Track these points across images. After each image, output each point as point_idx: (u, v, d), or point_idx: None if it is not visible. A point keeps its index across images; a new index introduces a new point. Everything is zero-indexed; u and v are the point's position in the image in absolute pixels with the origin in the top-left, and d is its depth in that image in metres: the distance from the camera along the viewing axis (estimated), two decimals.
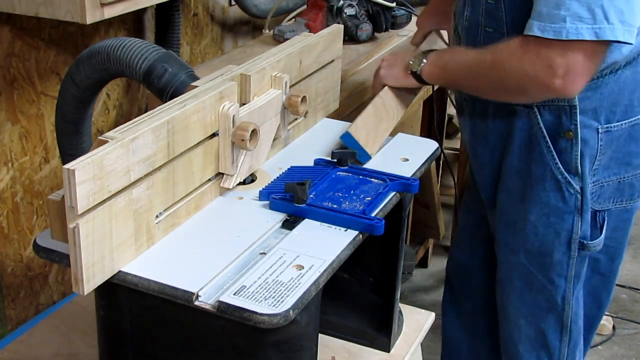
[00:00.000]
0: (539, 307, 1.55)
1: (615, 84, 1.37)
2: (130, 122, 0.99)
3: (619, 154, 1.44)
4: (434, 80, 1.47)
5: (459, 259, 1.81)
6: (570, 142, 1.40)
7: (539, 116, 1.40)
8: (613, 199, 1.48)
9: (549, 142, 1.41)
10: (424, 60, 1.43)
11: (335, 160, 1.26)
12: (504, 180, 1.50)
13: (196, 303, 0.92)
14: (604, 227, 1.49)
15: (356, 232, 1.07)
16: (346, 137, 1.30)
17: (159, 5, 1.86)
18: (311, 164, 1.27)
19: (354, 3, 2.16)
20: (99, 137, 0.94)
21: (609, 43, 1.24)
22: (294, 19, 2.30)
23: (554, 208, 1.45)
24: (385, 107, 1.46)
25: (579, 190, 1.43)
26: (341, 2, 2.15)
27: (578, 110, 1.37)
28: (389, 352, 1.37)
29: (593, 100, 1.37)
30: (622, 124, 1.41)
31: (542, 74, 1.25)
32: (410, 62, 1.44)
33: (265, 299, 0.91)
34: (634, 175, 1.47)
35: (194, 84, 1.13)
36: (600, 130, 1.40)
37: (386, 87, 1.50)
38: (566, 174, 1.42)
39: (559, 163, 1.41)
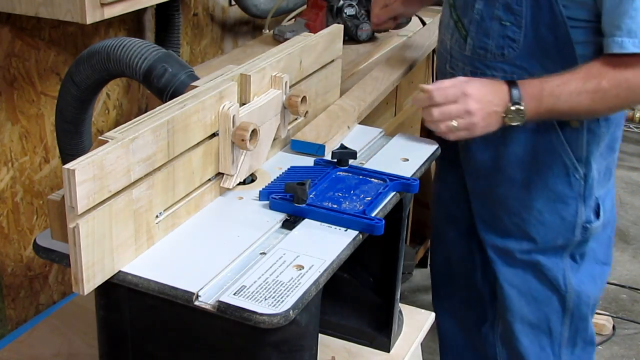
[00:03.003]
0: (542, 293, 1.57)
1: None
2: (130, 122, 0.99)
3: (610, 139, 1.49)
4: (537, 121, 1.41)
5: (440, 255, 1.83)
6: (576, 130, 1.43)
7: None
8: (603, 183, 1.53)
9: (559, 131, 1.43)
10: (521, 108, 1.34)
11: (335, 160, 1.26)
12: (504, 170, 1.51)
13: (196, 303, 0.92)
14: (600, 211, 1.53)
15: (356, 232, 1.07)
16: (294, 144, 1.31)
17: (159, 5, 1.86)
18: (311, 164, 1.27)
19: (354, 3, 2.16)
20: (99, 137, 0.94)
21: None
22: (294, 19, 2.30)
23: (560, 194, 1.48)
24: (342, 108, 1.47)
25: (583, 176, 1.46)
26: (341, 2, 2.15)
27: None
28: (389, 352, 1.37)
29: None
30: None
31: None
32: (508, 118, 1.35)
33: (265, 299, 0.91)
34: (612, 159, 1.54)
35: (194, 84, 1.13)
36: (601, 117, 1.44)
37: (344, 96, 1.51)
38: (575, 161, 1.45)
39: (569, 151, 1.44)
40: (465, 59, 1.49)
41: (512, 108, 1.33)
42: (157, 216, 1.02)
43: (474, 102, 1.33)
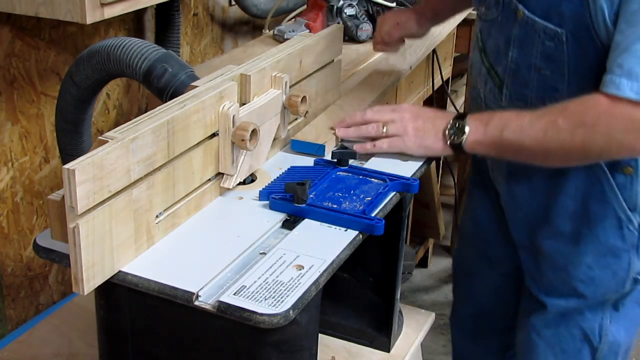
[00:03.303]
0: (573, 345, 1.47)
1: None
2: (130, 122, 0.99)
3: None
4: (480, 152, 1.28)
5: (470, 300, 1.73)
6: (629, 178, 1.31)
7: None
8: None
9: (610, 180, 1.31)
10: (466, 129, 1.24)
11: (335, 160, 1.26)
12: (552, 223, 1.39)
13: (196, 303, 0.92)
14: None
15: (356, 232, 1.07)
16: (294, 144, 1.31)
17: (159, 5, 1.86)
18: (311, 164, 1.27)
19: (354, 3, 2.16)
20: (99, 137, 0.94)
21: None
22: (294, 19, 2.30)
23: (612, 248, 1.36)
24: (342, 108, 1.46)
25: (637, 227, 1.35)
26: (341, 2, 2.15)
27: None
28: (389, 352, 1.37)
29: None
30: None
31: (635, 141, 1.15)
32: (448, 132, 1.26)
33: (265, 299, 0.91)
34: None
35: (194, 84, 1.13)
36: None
37: (344, 96, 1.48)
38: (628, 212, 1.33)
39: (622, 201, 1.32)
40: (502, 110, 1.33)
41: (453, 123, 1.26)
42: (157, 216, 1.02)
43: (407, 109, 1.30)
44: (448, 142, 1.26)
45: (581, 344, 1.46)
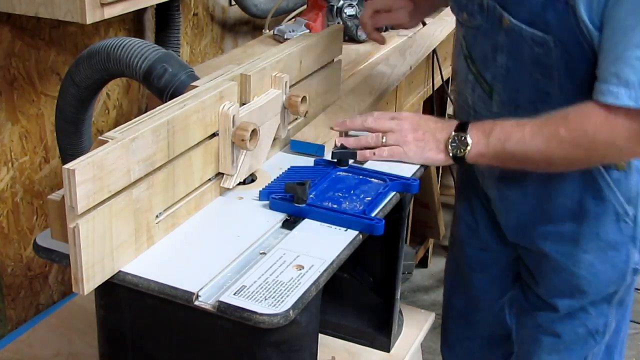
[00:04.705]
0: (576, 342, 1.48)
1: None
2: (130, 122, 0.99)
3: None
4: (481, 163, 1.29)
5: (460, 302, 1.71)
6: (624, 173, 1.33)
7: None
8: None
9: (606, 176, 1.32)
10: (468, 141, 1.24)
11: (335, 160, 1.26)
12: (551, 225, 1.39)
13: (196, 303, 0.92)
14: None
15: (356, 232, 1.07)
16: (293, 144, 1.31)
17: (159, 5, 1.86)
18: (311, 164, 1.27)
19: (354, 3, 2.16)
20: (99, 137, 0.94)
21: None
22: (294, 19, 2.30)
23: (611, 242, 1.37)
24: (342, 108, 1.46)
25: (633, 219, 1.36)
26: (341, 2, 2.15)
27: None
28: (389, 352, 1.37)
29: None
30: None
31: (635, 147, 1.17)
32: (450, 145, 1.26)
33: (265, 299, 0.91)
34: None
35: (194, 84, 1.13)
36: None
37: (344, 96, 1.48)
38: (625, 206, 1.35)
39: (619, 196, 1.34)
40: (492, 116, 1.32)
41: (455, 136, 1.25)
42: (157, 216, 1.02)
43: (407, 118, 1.29)
44: (450, 155, 1.26)
45: (585, 340, 1.47)
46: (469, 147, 1.24)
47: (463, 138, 1.24)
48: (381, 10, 1.58)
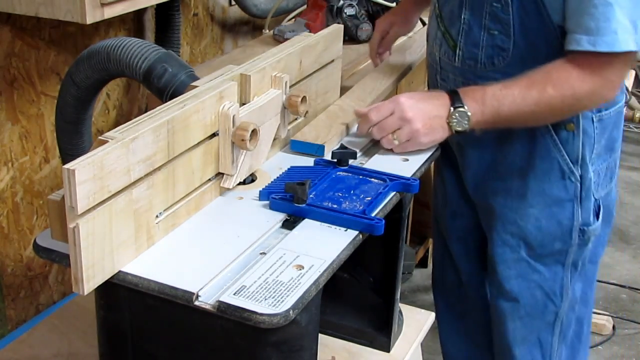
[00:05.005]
0: (536, 308, 1.55)
1: None
2: (130, 122, 0.99)
3: (608, 140, 1.48)
4: (478, 129, 1.37)
5: (444, 278, 1.80)
6: (572, 133, 1.42)
7: None
8: (604, 184, 1.51)
9: (554, 136, 1.42)
10: (468, 114, 1.31)
11: (335, 160, 1.26)
12: (500, 181, 1.50)
13: (196, 303, 0.92)
14: (600, 214, 1.52)
15: (356, 232, 1.07)
16: (293, 144, 1.31)
17: (159, 5, 1.86)
18: (311, 164, 1.27)
19: (354, 3, 2.17)
20: (99, 137, 0.94)
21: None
22: (294, 19, 2.30)
23: (556, 198, 1.47)
24: (342, 108, 1.46)
25: (579, 179, 1.45)
26: (341, 2, 2.16)
27: None
28: (389, 352, 1.37)
29: None
30: (610, 112, 1.45)
31: (601, 89, 1.30)
32: (453, 123, 1.32)
33: (265, 299, 0.91)
34: (613, 160, 1.52)
35: (194, 84, 1.13)
36: (594, 119, 1.43)
37: (344, 96, 1.50)
38: (571, 165, 1.44)
39: (565, 154, 1.43)
40: (455, 70, 1.46)
41: (455, 111, 1.31)
42: (157, 216, 1.02)
43: (409, 110, 1.32)
44: (454, 131, 1.33)
45: (544, 304, 1.55)
46: (467, 120, 1.32)
47: (462, 111, 1.32)
48: (384, 32, 1.77)
